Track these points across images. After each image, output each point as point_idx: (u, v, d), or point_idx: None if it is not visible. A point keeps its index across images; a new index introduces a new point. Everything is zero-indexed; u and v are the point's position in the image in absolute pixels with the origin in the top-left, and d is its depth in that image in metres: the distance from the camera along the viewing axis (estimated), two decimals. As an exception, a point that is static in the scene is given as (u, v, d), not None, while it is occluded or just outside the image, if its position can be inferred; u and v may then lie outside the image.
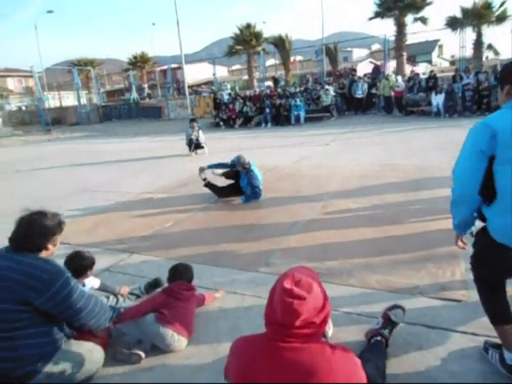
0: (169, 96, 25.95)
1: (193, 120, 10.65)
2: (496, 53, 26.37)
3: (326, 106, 16.71)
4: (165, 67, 33.83)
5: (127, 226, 4.75)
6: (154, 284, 3.07)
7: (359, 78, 17.76)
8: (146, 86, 31.54)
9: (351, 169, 6.99)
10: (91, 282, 2.72)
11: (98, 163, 10.25)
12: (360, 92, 17.11)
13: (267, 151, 9.90)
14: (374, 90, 16.92)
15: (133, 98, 27.91)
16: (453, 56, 53.93)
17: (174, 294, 2.51)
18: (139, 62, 35.58)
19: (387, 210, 4.60)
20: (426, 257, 3.30)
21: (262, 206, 5.18)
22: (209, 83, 36.44)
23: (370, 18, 25.83)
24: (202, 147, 10.21)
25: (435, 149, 8.18)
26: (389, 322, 2.26)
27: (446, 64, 47.92)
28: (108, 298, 2.81)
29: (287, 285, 1.45)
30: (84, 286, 2.60)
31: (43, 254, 2.04)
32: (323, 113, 16.74)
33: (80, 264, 2.61)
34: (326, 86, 17.28)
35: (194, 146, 10.12)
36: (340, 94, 17.64)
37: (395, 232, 3.91)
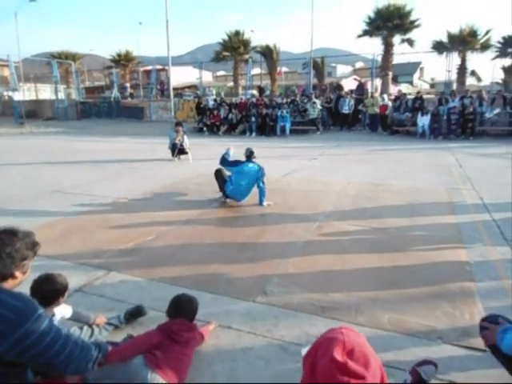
0: (151, 97, 25.30)
1: (178, 124, 10.20)
2: (478, 79, 27.18)
3: (312, 119, 16.58)
4: (149, 67, 33.16)
5: (104, 237, 4.28)
6: (136, 313, 2.63)
7: (347, 93, 17.77)
8: (128, 85, 30.73)
9: (343, 186, 6.73)
10: (62, 311, 2.26)
11: (74, 162, 9.62)
12: (347, 108, 17.11)
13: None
14: (360, 107, 16.97)
15: (114, 97, 27.08)
16: (433, 79, 55.76)
17: (172, 335, 2.10)
18: (123, 60, 34.69)
19: (388, 236, 4.32)
20: (438, 293, 3.02)
21: (253, 223, 4.81)
22: (192, 87, 35.94)
23: (359, 36, 26.16)
24: (186, 153, 9.76)
25: (425, 171, 8.06)
26: (419, 380, 1.93)
27: (426, 86, 49.34)
28: (81, 328, 2.36)
29: (339, 356, 1.10)
30: (53, 315, 2.15)
31: (8, 285, 1.60)
32: (309, 126, 16.60)
33: (51, 290, 2.15)
34: (314, 100, 17.19)
35: (178, 151, 9.67)
36: (326, 109, 17.60)
37: (401, 261, 3.62)
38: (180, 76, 35.56)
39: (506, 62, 27.55)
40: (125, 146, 12.89)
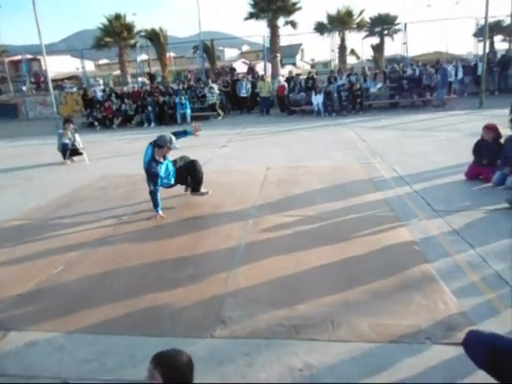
0: (25, 92, 21.94)
1: (67, 121, 8.74)
2: (357, 57, 29.29)
3: (211, 105, 16.02)
4: (17, 57, 28.74)
5: (-9, 280, 3.27)
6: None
7: (243, 76, 17.55)
8: (-8, 78, 26.31)
9: (264, 173, 6.41)
10: None
11: None
12: (244, 91, 16.90)
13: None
14: (257, 90, 16.90)
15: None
16: (312, 59, 59.26)
17: None
18: (-20, 50, 29.54)
19: (327, 223, 4.10)
20: (403, 284, 2.84)
21: (182, 230, 4.17)
22: (73, 78, 32.37)
23: (246, 19, 25.99)
24: (81, 153, 8.47)
25: (334, 148, 8.18)
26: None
27: (308, 66, 52.21)
28: None
29: None
30: None
31: None
32: (209, 111, 16.03)
33: None
34: (211, 84, 16.61)
35: (70, 151, 8.34)
36: (224, 93, 17.18)
37: (351, 251, 3.40)
38: (57, 66, 31.57)
39: (375, 40, 30.21)
40: (0, 152, 10.83)
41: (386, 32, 28.68)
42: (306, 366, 2.06)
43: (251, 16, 25.86)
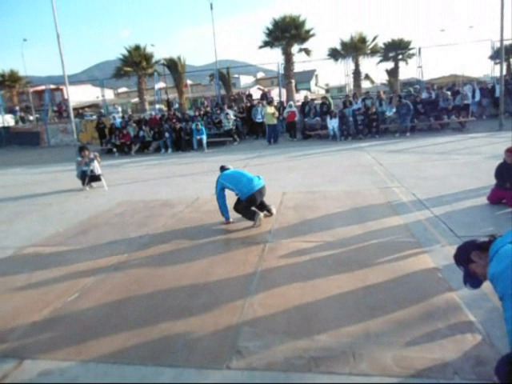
0: (47, 120, 22.76)
1: (83, 148, 8.93)
2: (372, 82, 29.54)
3: (228, 131, 16.26)
4: (41, 87, 30.00)
5: (6, 308, 3.26)
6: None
7: (259, 102, 17.83)
8: (17, 108, 27.40)
9: (280, 198, 6.38)
10: None
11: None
12: (260, 117, 17.10)
13: (178, 181, 8.81)
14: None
15: (1, 123, 23.82)
16: (327, 84, 60.08)
17: None
18: (8, 80, 30.93)
19: (347, 249, 4.01)
20: (426, 313, 2.71)
21: (197, 256, 4.13)
22: (93, 106, 33.53)
23: (260, 47, 26.75)
24: (99, 179, 8.63)
25: (351, 172, 8.12)
26: None
27: (322, 91, 52.94)
28: None
29: None
30: None
31: None
32: (225, 137, 16.24)
33: None
34: (227, 110, 16.91)
35: (89, 178, 8.50)
36: (240, 118, 17.44)
37: (372, 279, 3.29)
38: (78, 95, 32.87)
39: (389, 65, 30.51)
40: (21, 179, 11.12)
41: (400, 57, 28.98)
42: (327, 402, 1.95)
43: (266, 44, 26.59)
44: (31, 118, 26.96)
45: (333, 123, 14.74)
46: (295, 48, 25.98)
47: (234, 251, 4.17)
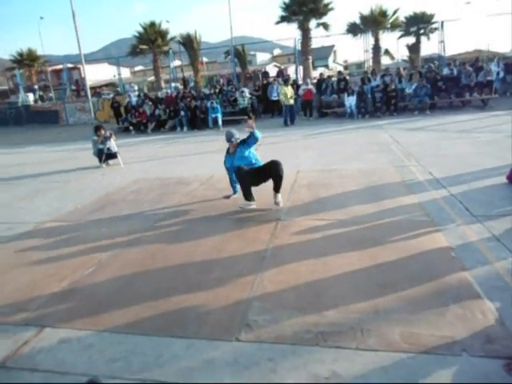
0: (66, 98, 23.00)
1: (98, 128, 8.99)
2: (391, 57, 28.62)
3: (243, 109, 16.11)
4: (58, 67, 30.23)
5: (27, 279, 3.40)
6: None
7: (274, 80, 17.54)
8: (36, 87, 27.71)
9: (294, 176, 6.34)
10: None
11: (-22, 183, 8.13)
12: (275, 94, 16.84)
13: (194, 159, 8.85)
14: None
15: (21, 101, 24.17)
16: (345, 61, 58.50)
17: None
18: (26, 59, 31.19)
19: (360, 227, 3.99)
20: (438, 291, 2.70)
21: (210, 233, 4.18)
22: (110, 85, 33.62)
23: (277, 22, 26.11)
24: (115, 157, 8.74)
25: (368, 151, 7.99)
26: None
27: (341, 68, 51.58)
28: None
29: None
30: None
31: None
32: (241, 115, 16.11)
33: None
34: (242, 88, 16.72)
35: (106, 156, 8.62)
36: (256, 96, 17.23)
37: (384, 257, 3.28)
38: (95, 74, 32.96)
39: (410, 40, 29.36)
40: (41, 157, 11.35)
41: (422, 31, 27.89)
42: (333, 375, 1.99)
43: (283, 19, 25.92)
44: (50, 95, 27.26)
45: (350, 101, 14.44)
46: (313, 23, 25.27)
47: (247, 228, 4.21)
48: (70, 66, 27.56)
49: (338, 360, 2.10)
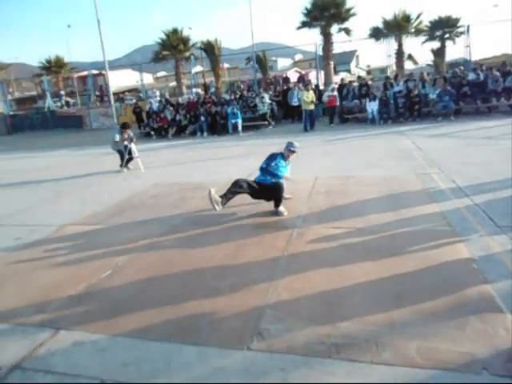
0: (90, 104, 23.63)
1: (125, 126, 9.13)
2: (415, 62, 28.15)
3: (263, 114, 16.14)
4: (84, 73, 31.08)
5: (46, 281, 3.47)
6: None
7: (295, 85, 17.52)
8: (63, 93, 28.57)
9: (312, 183, 6.29)
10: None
11: (3, 186, 8.40)
12: (296, 100, 16.80)
13: (213, 164, 8.91)
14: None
15: (48, 106, 24.96)
16: (368, 66, 57.88)
17: None
18: (54, 66, 32.25)
19: (378, 236, 3.91)
20: (458, 304, 2.61)
21: (226, 239, 4.18)
22: (133, 90, 34.34)
23: (298, 28, 26.09)
24: (132, 159, 8.90)
25: (389, 158, 7.85)
26: None
27: (363, 73, 51.07)
28: None
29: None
30: None
31: None
32: (260, 121, 16.14)
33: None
34: (262, 94, 16.77)
35: (126, 160, 8.77)
36: (276, 102, 17.24)
37: (402, 267, 3.20)
38: (119, 80, 33.75)
39: (435, 44, 28.81)
40: (65, 160, 11.67)
41: (447, 35, 27.34)
42: (346, 389, 1.94)
43: (304, 25, 25.88)
44: (73, 101, 28.01)
45: (372, 106, 14.23)
46: (334, 28, 25.11)
47: (263, 235, 4.18)
48: (94, 72, 28.32)
49: (352, 374, 2.04)
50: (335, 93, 15.34)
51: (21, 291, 3.31)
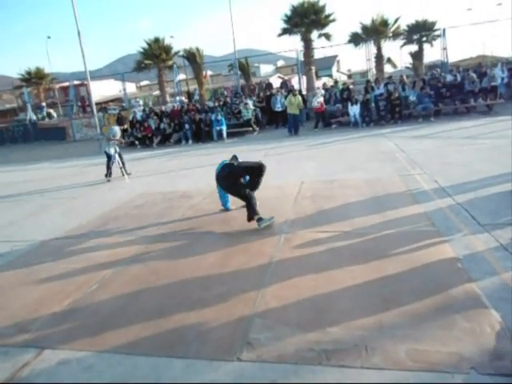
0: (72, 115, 23.32)
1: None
2: (394, 66, 28.64)
3: (247, 120, 16.17)
4: (65, 84, 30.69)
5: (30, 298, 3.39)
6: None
7: (277, 91, 17.63)
8: (44, 104, 28.14)
9: (298, 188, 6.31)
10: None
11: (-14, 201, 8.21)
12: (279, 105, 16.90)
13: (197, 172, 8.86)
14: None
15: (29, 119, 24.54)
16: (349, 70, 58.68)
17: None
18: (34, 78, 31.75)
19: (364, 239, 3.93)
20: (444, 304, 2.63)
21: (212, 247, 4.16)
22: (117, 100, 34.05)
23: (279, 35, 26.26)
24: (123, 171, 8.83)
25: (372, 160, 7.94)
26: None
27: (344, 77, 51.71)
28: None
29: None
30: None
31: None
32: (245, 127, 16.17)
33: None
34: (245, 100, 16.82)
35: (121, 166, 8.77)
36: (260, 108, 17.32)
37: (389, 269, 3.22)
38: (102, 90, 33.44)
39: (413, 47, 29.40)
40: (48, 173, 11.45)
41: (424, 39, 27.91)
42: (336, 396, 1.93)
43: (285, 31, 26.07)
44: (55, 114, 27.64)
45: (354, 110, 14.40)
46: (315, 34, 25.38)
47: (250, 242, 4.17)
48: (76, 82, 27.97)
49: (342, 380, 2.04)
50: (321, 99, 15.48)
51: (2, 309, 3.22)
